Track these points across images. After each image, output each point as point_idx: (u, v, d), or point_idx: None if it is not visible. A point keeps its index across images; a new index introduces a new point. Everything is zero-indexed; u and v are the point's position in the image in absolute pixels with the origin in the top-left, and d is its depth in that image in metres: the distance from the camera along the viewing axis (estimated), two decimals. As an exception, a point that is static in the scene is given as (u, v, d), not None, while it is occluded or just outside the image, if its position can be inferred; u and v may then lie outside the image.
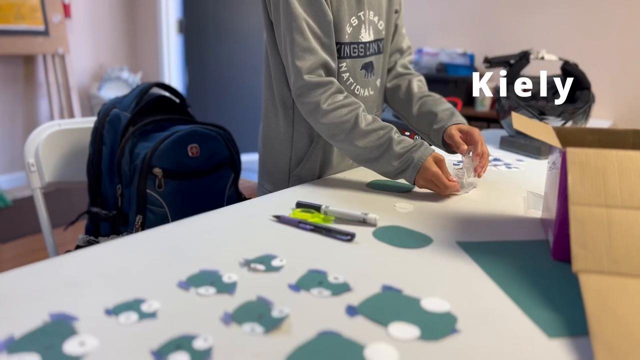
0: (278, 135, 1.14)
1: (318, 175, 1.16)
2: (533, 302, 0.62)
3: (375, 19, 1.13)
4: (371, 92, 1.16)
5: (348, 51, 1.08)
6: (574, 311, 0.60)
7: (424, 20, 3.07)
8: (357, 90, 1.13)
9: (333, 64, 1.04)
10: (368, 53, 1.12)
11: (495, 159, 1.34)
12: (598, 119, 2.53)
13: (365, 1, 1.09)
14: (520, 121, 0.80)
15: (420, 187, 1.01)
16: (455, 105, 2.32)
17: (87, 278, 0.65)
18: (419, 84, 1.23)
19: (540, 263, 0.73)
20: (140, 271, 0.67)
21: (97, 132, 1.21)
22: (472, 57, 2.87)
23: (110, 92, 3.95)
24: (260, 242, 0.77)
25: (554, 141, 0.76)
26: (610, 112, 2.61)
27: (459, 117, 1.14)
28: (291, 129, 1.12)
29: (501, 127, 1.57)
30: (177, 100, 1.31)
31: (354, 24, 1.08)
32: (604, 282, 0.58)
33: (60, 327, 0.54)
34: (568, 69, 1.49)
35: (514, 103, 1.44)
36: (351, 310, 0.59)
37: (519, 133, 1.41)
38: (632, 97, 2.56)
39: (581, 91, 1.47)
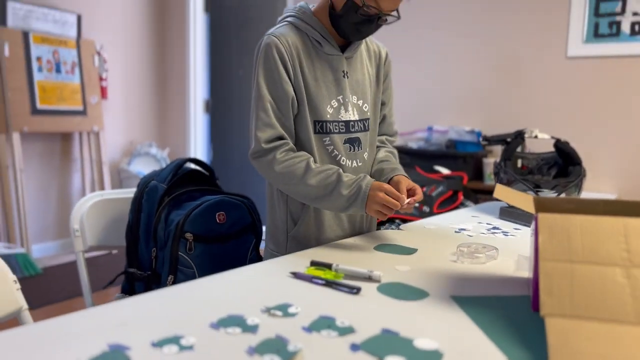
0: (277, 199, 1.32)
1: (314, 237, 1.30)
2: (509, 342, 0.73)
3: (360, 102, 1.33)
4: (359, 164, 1.33)
5: (331, 127, 1.28)
6: (543, 349, 0.70)
7: (433, 100, 3.28)
8: (343, 161, 1.31)
9: (288, 137, 1.25)
10: (352, 130, 1.31)
11: (494, 228, 1.46)
12: (604, 193, 2.64)
13: (347, 87, 1.30)
14: (502, 191, 0.94)
15: (374, 213, 1.18)
16: (461, 179, 2.47)
17: (134, 319, 0.78)
18: (385, 153, 1.42)
19: (520, 313, 0.84)
20: (178, 314, 0.80)
21: (137, 201, 1.37)
22: (479, 134, 3.04)
23: (139, 166, 4.19)
24: (279, 294, 0.90)
25: (530, 208, 0.89)
26: (615, 185, 2.73)
27: (399, 171, 1.34)
28: (286, 193, 1.29)
29: (502, 199, 1.70)
30: (207, 173, 1.47)
31: (334, 105, 1.29)
32: (565, 323, 0.69)
33: (117, 355, 0.67)
34: (560, 147, 1.64)
35: (511, 177, 1.58)
36: (354, 347, 0.71)
37: (517, 204, 1.54)
38: (636, 171, 2.69)
39: (573, 166, 1.60)
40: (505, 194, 0.92)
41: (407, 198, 1.21)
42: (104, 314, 0.79)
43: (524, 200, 0.93)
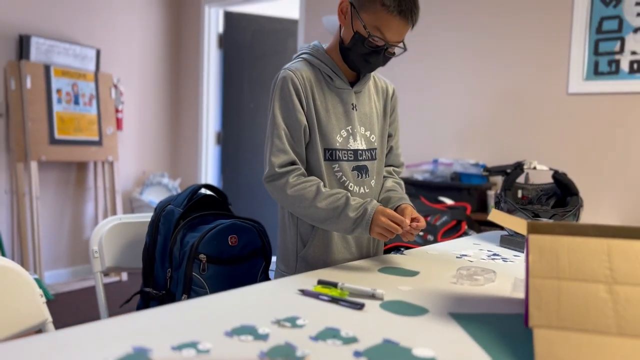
0: (288, 221, 1.40)
1: (322, 258, 1.37)
2: (501, 352, 0.79)
3: (367, 133, 1.43)
4: (366, 190, 1.42)
5: (340, 155, 1.37)
6: (532, 358, 0.76)
7: (439, 134, 3.38)
8: (351, 187, 1.39)
9: (299, 162, 1.34)
10: (360, 158, 1.40)
11: (494, 254, 1.52)
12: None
13: (356, 119, 1.39)
14: (497, 215, 1.00)
15: (376, 235, 1.26)
16: (464, 209, 2.53)
17: (155, 327, 0.84)
18: (392, 183, 1.52)
19: (513, 328, 0.90)
20: (194, 324, 0.87)
21: (154, 224, 1.45)
22: (484, 167, 3.11)
23: (151, 195, 4.29)
24: (288, 308, 0.96)
25: (523, 230, 0.96)
26: (616, 217, 2.78)
27: (405, 200, 1.43)
28: (296, 215, 1.37)
29: (503, 228, 1.76)
30: (220, 199, 1.55)
31: (343, 135, 1.38)
32: (552, 334, 0.75)
33: (140, 356, 0.73)
34: (558, 178, 1.70)
35: (511, 206, 1.65)
36: (357, 354, 0.77)
37: (517, 232, 1.60)
38: (635, 203, 2.74)
39: (571, 197, 1.67)
40: (499, 217, 0.99)
41: (413, 227, 1.28)
42: (126, 322, 0.86)
43: (516, 223, 1.00)
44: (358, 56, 1.33)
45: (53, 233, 3.90)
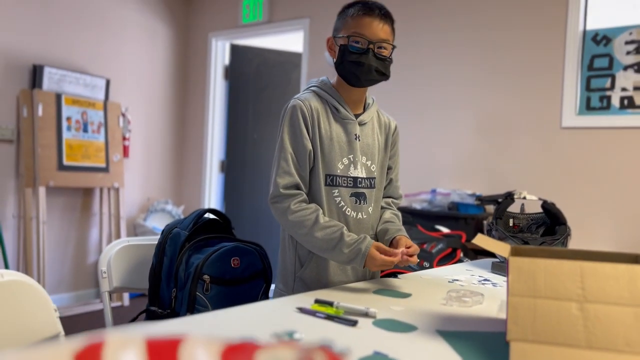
0: (288, 242, 1.49)
1: (319, 279, 1.45)
2: (481, 364, 0.85)
3: (368, 162, 1.52)
4: (364, 216, 1.50)
5: (340, 181, 1.46)
6: (509, 370, 0.83)
7: (437, 165, 3.47)
8: (348, 212, 1.47)
9: (303, 186, 1.43)
10: (359, 185, 1.49)
11: (485, 279, 1.59)
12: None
13: (358, 148, 1.49)
14: (482, 239, 1.08)
15: (375, 268, 1.36)
16: (460, 237, 2.60)
17: (163, 337, 0.91)
18: (390, 214, 1.60)
19: (495, 343, 0.97)
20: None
21: (161, 246, 1.53)
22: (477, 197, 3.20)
23: (155, 222, 4.37)
24: (286, 323, 1.03)
25: (505, 253, 1.03)
26: (607, 246, 2.84)
27: (402, 232, 1.51)
28: (297, 240, 1.45)
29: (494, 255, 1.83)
30: (224, 223, 1.63)
31: (345, 163, 1.47)
32: (527, 346, 0.82)
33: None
34: (547, 207, 1.78)
35: (502, 234, 1.72)
36: (349, 363, 0.84)
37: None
38: (625, 233, 2.81)
39: (559, 226, 1.74)
40: (484, 241, 1.07)
41: (405, 253, 1.36)
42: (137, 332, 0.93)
43: (498, 247, 1.07)
44: (350, 64, 1.43)
45: (58, 257, 3.97)
